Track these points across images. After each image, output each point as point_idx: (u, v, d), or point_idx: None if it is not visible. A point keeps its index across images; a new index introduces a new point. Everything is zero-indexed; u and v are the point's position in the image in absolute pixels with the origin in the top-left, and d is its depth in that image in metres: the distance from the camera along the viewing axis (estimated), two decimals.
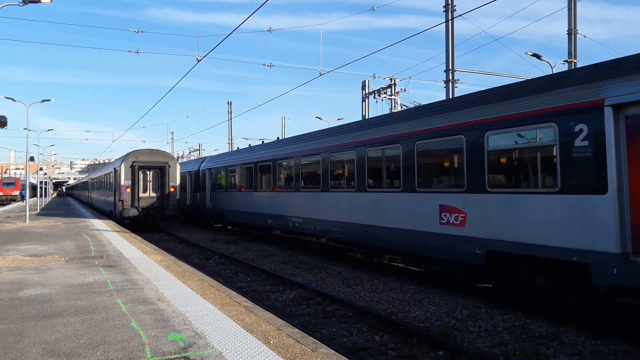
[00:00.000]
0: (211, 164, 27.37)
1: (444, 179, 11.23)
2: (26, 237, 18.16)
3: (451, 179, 10.83)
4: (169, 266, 11.45)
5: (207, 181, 27.48)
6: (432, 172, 11.56)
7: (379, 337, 8.08)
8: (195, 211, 29.90)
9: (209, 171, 27.46)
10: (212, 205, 26.55)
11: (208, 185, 27.31)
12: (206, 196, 27.53)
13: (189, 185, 31.30)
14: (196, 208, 29.59)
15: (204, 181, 28.16)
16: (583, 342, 7.66)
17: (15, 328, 6.38)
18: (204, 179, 28.03)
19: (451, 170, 10.94)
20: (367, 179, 13.51)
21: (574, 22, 23.24)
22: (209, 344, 5.70)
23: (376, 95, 32.13)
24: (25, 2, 14.09)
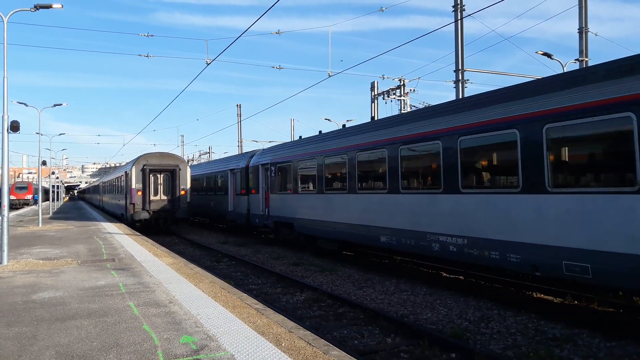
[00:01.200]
0: (268, 158, 21.14)
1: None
2: (39, 241, 18.34)
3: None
4: (180, 269, 11.50)
5: (260, 180, 21.63)
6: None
7: (390, 339, 8.04)
8: (241, 219, 24.33)
9: (263, 167, 21.47)
10: (271, 212, 20.32)
11: (263, 186, 21.46)
12: (260, 200, 21.62)
13: (232, 186, 26.00)
14: (243, 215, 23.94)
15: (255, 181, 22.48)
16: (597, 344, 7.56)
17: (29, 331, 6.44)
18: (256, 178, 22.31)
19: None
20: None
21: (584, 21, 23.06)
22: (221, 346, 5.71)
23: (385, 96, 32.04)
24: (36, 8, 14.23)
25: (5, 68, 13.07)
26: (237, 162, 25.69)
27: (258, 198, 22.01)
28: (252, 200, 22.91)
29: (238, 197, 25.00)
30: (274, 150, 21.69)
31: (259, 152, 23.83)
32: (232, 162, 26.78)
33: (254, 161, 23.02)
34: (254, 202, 22.52)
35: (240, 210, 24.42)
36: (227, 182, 26.60)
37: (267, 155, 21.68)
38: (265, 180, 21.23)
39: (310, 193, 17.09)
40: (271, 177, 20.42)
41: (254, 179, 22.65)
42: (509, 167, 9.60)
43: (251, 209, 22.92)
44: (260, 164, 21.86)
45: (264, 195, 21.36)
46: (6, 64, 13.09)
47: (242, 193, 24.24)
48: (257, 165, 22.25)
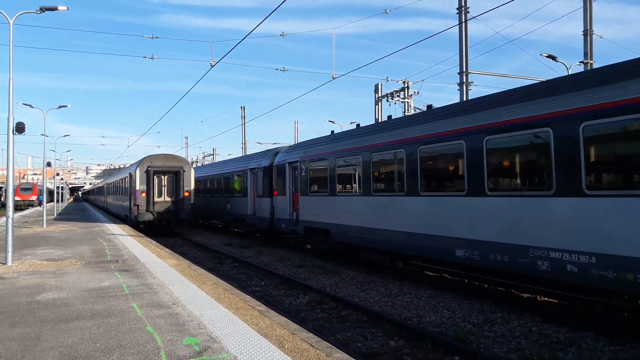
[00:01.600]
0: (296, 155, 18.58)
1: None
2: (43, 242, 18.40)
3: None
4: (184, 270, 11.51)
5: (287, 181, 19.26)
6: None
7: (393, 342, 8.02)
8: (264, 223, 21.87)
9: (291, 166, 19.08)
10: (301, 216, 17.95)
11: (290, 187, 19.10)
12: (286, 203, 19.24)
13: (252, 187, 23.39)
14: (266, 219, 21.52)
15: (280, 181, 20.06)
16: (602, 348, 7.52)
17: (32, 332, 6.46)
18: (282, 178, 19.86)
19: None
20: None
21: (589, 23, 22.99)
22: (224, 347, 5.71)
23: (389, 99, 32.02)
24: (42, 10, 14.30)
25: (10, 69, 13.13)
26: (259, 161, 23.07)
27: (284, 200, 19.41)
28: (276, 202, 20.42)
29: (260, 199, 22.39)
30: (304, 146, 18.64)
31: (285, 149, 21.27)
32: (253, 161, 24.07)
33: (279, 159, 20.42)
34: (279, 205, 20.03)
35: (262, 213, 21.81)
36: (246, 182, 24.16)
37: (295, 152, 19.00)
38: (294, 180, 18.83)
39: (353, 195, 14.60)
40: (301, 177, 17.88)
41: (279, 179, 20.16)
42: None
43: (276, 212, 20.45)
44: (287, 162, 19.29)
45: (291, 197, 18.90)
46: (11, 66, 13.16)
47: (264, 195, 21.73)
48: (283, 164, 19.71)
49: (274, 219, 20.68)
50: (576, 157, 8.14)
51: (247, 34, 14.01)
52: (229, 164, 29.38)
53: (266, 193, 21.49)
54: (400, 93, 31.38)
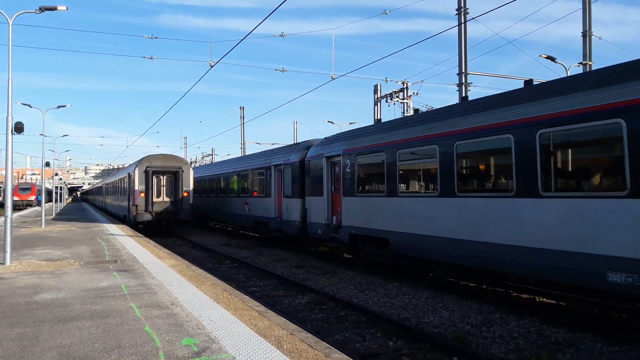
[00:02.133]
0: (338, 148, 15.56)
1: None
2: (42, 242, 18.38)
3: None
4: (183, 270, 11.51)
5: (325, 178, 16.29)
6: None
7: (392, 342, 8.03)
8: (293, 229, 18.83)
9: (330, 161, 16.15)
10: (345, 220, 14.97)
11: (328, 186, 16.20)
12: (324, 204, 16.32)
13: (277, 187, 20.58)
14: (295, 224, 18.45)
15: (315, 179, 17.06)
16: (600, 349, 7.53)
17: (31, 332, 6.45)
18: (317, 175, 16.89)
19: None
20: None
21: (589, 24, 23.01)
22: (223, 348, 5.71)
23: (388, 99, 32.02)
24: (41, 10, 14.29)
25: (10, 69, 13.12)
26: (286, 156, 20.02)
27: (320, 202, 16.52)
28: (310, 204, 17.39)
29: (287, 200, 19.21)
30: (349, 136, 15.60)
31: (320, 141, 17.99)
32: (278, 156, 21.01)
33: (313, 153, 17.47)
34: (314, 207, 16.99)
35: (291, 217, 18.80)
36: (269, 181, 21.08)
37: (336, 144, 15.94)
38: (334, 177, 16.03)
39: (427, 197, 11.63)
40: (344, 174, 14.91)
41: (313, 177, 17.21)
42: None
43: (309, 216, 17.40)
44: (324, 156, 16.35)
45: (329, 198, 16.12)
46: (11, 65, 13.15)
47: (293, 195, 18.71)
48: (318, 159, 16.80)
49: (306, 224, 17.67)
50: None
51: (247, 34, 14.02)
52: (246, 160, 26.21)
53: (296, 193, 18.49)
54: (399, 94, 31.39)
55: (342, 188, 15.22)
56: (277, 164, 20.55)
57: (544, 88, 9.34)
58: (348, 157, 14.87)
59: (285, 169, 19.61)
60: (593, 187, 8.30)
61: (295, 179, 18.66)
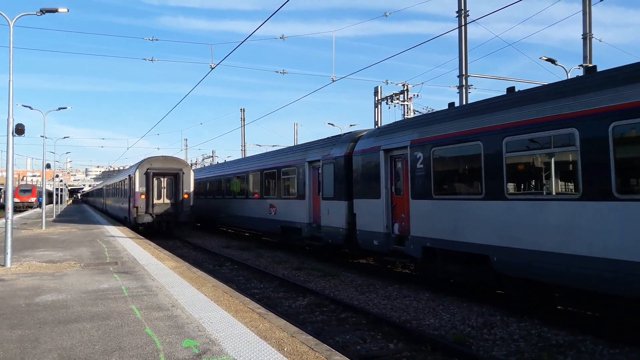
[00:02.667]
0: (403, 138, 12.68)
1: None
2: (42, 244, 18.38)
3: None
4: (183, 272, 11.51)
5: (383, 177, 13.42)
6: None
7: (393, 344, 8.02)
8: (335, 237, 15.87)
9: (389, 155, 13.38)
10: (414, 229, 12.08)
11: (388, 185, 13.36)
12: (382, 209, 13.39)
13: (311, 186, 17.78)
14: (339, 232, 15.58)
15: (370, 177, 14.01)
16: (601, 351, 7.52)
17: (31, 334, 6.45)
18: (373, 173, 13.88)
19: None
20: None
21: (589, 26, 23.03)
22: (223, 350, 5.70)
23: (389, 102, 32.07)
24: (42, 12, 14.31)
25: (11, 71, 13.14)
26: (326, 150, 16.98)
27: (376, 206, 13.56)
28: (361, 208, 14.46)
29: (327, 203, 16.34)
30: (421, 123, 12.47)
31: (371, 132, 15.14)
32: (315, 151, 17.84)
33: (364, 146, 14.53)
34: (367, 212, 14.09)
35: (333, 223, 15.92)
36: (303, 180, 18.14)
37: (400, 133, 12.97)
38: (395, 175, 13.25)
39: (558, 199, 8.70)
40: (415, 171, 12.03)
41: (364, 175, 14.31)
42: None
43: (359, 222, 14.52)
44: (382, 149, 13.43)
45: (389, 200, 13.30)
46: (12, 67, 13.16)
47: (336, 197, 15.84)
48: (373, 153, 13.86)
49: (354, 232, 14.70)
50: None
51: (248, 36, 14.05)
52: (272, 157, 22.62)
53: (340, 195, 15.61)
54: (399, 96, 31.43)
55: (409, 189, 12.22)
56: (314, 160, 17.57)
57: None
58: (420, 150, 11.89)
59: (325, 166, 16.64)
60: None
61: (338, 177, 15.81)
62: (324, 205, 16.63)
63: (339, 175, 15.81)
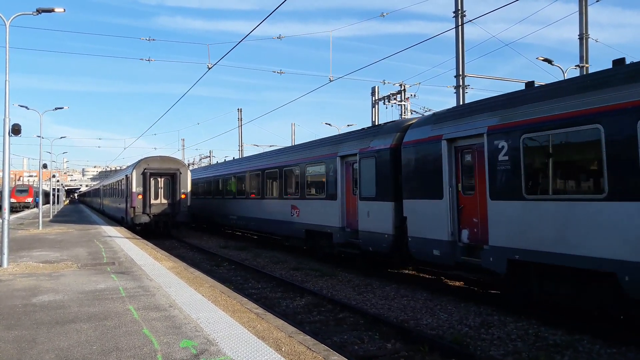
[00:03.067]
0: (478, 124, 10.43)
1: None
2: (39, 244, 18.33)
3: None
4: (180, 273, 11.49)
5: (447, 173, 11.19)
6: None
7: (390, 344, 8.03)
8: (378, 245, 13.52)
9: (453, 145, 11.22)
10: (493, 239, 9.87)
11: (452, 184, 11.19)
12: (446, 213, 11.12)
13: (344, 185, 15.53)
14: (383, 238, 13.22)
15: (428, 173, 11.70)
16: (598, 351, 7.54)
17: (28, 334, 6.43)
18: (433, 169, 11.52)
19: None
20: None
21: (585, 27, 23.11)
22: (221, 350, 5.70)
23: (386, 101, 32.06)
24: (38, 12, 14.27)
25: (7, 71, 13.10)
26: (364, 142, 14.52)
27: (437, 207, 11.28)
28: (415, 210, 12.11)
29: (368, 204, 13.99)
30: (501, 105, 10.13)
31: (426, 118, 12.83)
32: (349, 143, 15.46)
33: (418, 135, 12.16)
34: (423, 214, 11.78)
35: (374, 227, 13.60)
36: (334, 178, 15.82)
37: (471, 118, 10.66)
38: (462, 170, 11.00)
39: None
40: (497, 164, 9.74)
41: (419, 170, 11.98)
42: None
43: (411, 227, 12.19)
44: (444, 139, 11.16)
45: (453, 201, 11.01)
46: (8, 67, 13.13)
47: (379, 197, 13.48)
48: (432, 144, 11.56)
49: (403, 239, 12.50)
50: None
51: (245, 36, 14.02)
52: (294, 151, 19.97)
53: (384, 194, 13.28)
54: (397, 96, 31.44)
55: (486, 187, 9.97)
56: (348, 154, 15.29)
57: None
58: (503, 138, 9.71)
59: (364, 161, 14.30)
60: None
61: (382, 174, 13.40)
62: (362, 207, 14.29)
63: (382, 172, 13.46)
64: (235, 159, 29.54)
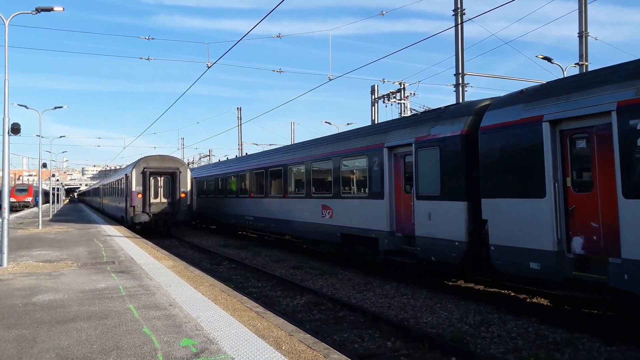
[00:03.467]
0: (603, 97, 7.92)
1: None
2: (39, 243, 18.33)
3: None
4: (180, 272, 11.49)
5: (551, 165, 8.78)
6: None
7: (390, 343, 8.03)
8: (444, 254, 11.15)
9: (557, 129, 8.81)
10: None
11: (559, 179, 8.76)
12: (551, 217, 8.70)
13: (392, 181, 13.20)
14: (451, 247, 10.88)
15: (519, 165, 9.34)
16: (598, 349, 7.55)
17: (29, 333, 6.43)
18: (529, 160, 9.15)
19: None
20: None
21: (584, 25, 23.10)
22: (221, 349, 5.70)
23: (385, 100, 32.05)
24: (38, 11, 14.25)
25: (6, 70, 13.09)
26: (422, 129, 12.09)
27: (536, 208, 9.00)
28: (498, 212, 9.75)
29: (427, 204, 11.64)
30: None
31: (510, 97, 10.15)
32: (398, 132, 13.09)
33: (502, 118, 9.81)
34: (512, 217, 9.46)
35: (438, 232, 11.23)
36: (379, 172, 13.48)
37: (582, 93, 8.40)
38: (575, 161, 8.73)
39: None
40: (634, 153, 7.49)
41: (506, 162, 9.66)
42: None
43: (494, 233, 9.80)
44: (545, 120, 8.88)
45: (559, 201, 8.73)
46: (7, 66, 13.12)
47: (445, 196, 11.13)
48: (525, 127, 9.29)
49: (483, 248, 10.25)
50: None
51: (244, 35, 14.01)
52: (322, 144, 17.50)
53: (453, 191, 10.95)
54: (396, 94, 31.43)
55: (617, 181, 7.67)
56: (398, 144, 12.85)
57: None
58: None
59: (422, 151, 11.93)
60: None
61: (450, 166, 11.09)
62: (420, 208, 11.85)
63: (450, 164, 11.08)
64: (252, 154, 26.98)
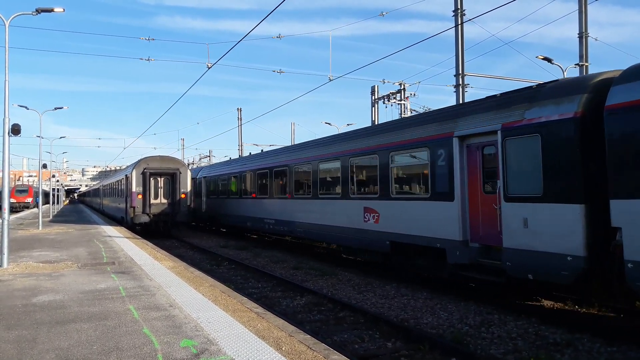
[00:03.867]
0: None
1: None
2: (39, 244, 18.33)
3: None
4: (181, 272, 11.49)
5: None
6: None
7: (391, 343, 8.03)
8: (543, 271, 8.72)
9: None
10: None
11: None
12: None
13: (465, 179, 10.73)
14: (559, 263, 8.34)
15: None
16: (598, 349, 7.55)
17: (29, 334, 6.43)
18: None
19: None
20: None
21: (585, 25, 23.10)
22: (221, 350, 5.70)
23: (385, 101, 32.05)
24: (38, 12, 14.26)
25: (6, 71, 13.09)
26: (509, 113, 9.68)
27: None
28: (637, 219, 7.25)
29: (521, 207, 9.24)
30: None
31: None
32: (473, 118, 10.62)
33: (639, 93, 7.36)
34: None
35: (539, 244, 8.79)
36: (442, 168, 11.19)
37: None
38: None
39: None
40: None
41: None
42: None
43: (631, 246, 7.36)
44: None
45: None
46: (7, 67, 13.12)
47: (549, 196, 8.68)
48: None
49: (612, 264, 7.84)
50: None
51: (244, 35, 14.00)
52: (364, 136, 14.78)
53: (563, 191, 8.53)
54: (396, 95, 31.43)
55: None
56: (476, 132, 10.38)
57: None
58: None
59: (513, 141, 9.50)
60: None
61: (558, 159, 8.64)
62: (511, 211, 9.40)
63: (559, 155, 8.63)
64: (272, 150, 24.74)
